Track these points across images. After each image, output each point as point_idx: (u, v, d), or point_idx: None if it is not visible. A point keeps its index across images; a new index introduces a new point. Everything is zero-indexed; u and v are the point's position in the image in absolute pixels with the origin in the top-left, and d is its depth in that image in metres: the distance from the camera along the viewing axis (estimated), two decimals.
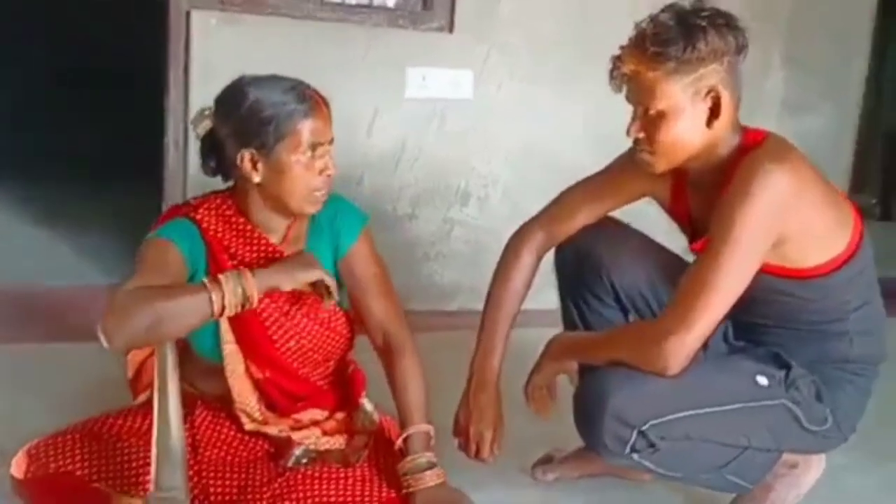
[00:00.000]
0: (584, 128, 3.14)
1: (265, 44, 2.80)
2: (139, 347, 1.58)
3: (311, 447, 1.56)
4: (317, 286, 1.50)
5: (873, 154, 6.99)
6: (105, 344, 1.32)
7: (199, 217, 1.55)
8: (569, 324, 1.85)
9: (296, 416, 1.61)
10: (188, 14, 2.72)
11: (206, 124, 1.53)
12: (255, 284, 1.40)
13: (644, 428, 1.51)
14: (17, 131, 4.83)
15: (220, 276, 1.39)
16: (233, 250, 1.55)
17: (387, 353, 1.64)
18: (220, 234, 1.55)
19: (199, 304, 1.36)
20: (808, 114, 3.50)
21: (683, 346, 1.45)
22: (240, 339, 1.55)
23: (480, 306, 1.83)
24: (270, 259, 1.55)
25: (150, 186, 2.97)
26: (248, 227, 1.56)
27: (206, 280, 1.39)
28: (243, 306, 1.40)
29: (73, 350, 2.32)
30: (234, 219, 1.56)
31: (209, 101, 1.58)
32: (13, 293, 2.92)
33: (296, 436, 1.56)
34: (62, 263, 3.29)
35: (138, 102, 3.80)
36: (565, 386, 1.72)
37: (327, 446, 1.58)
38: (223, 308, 1.37)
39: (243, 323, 1.52)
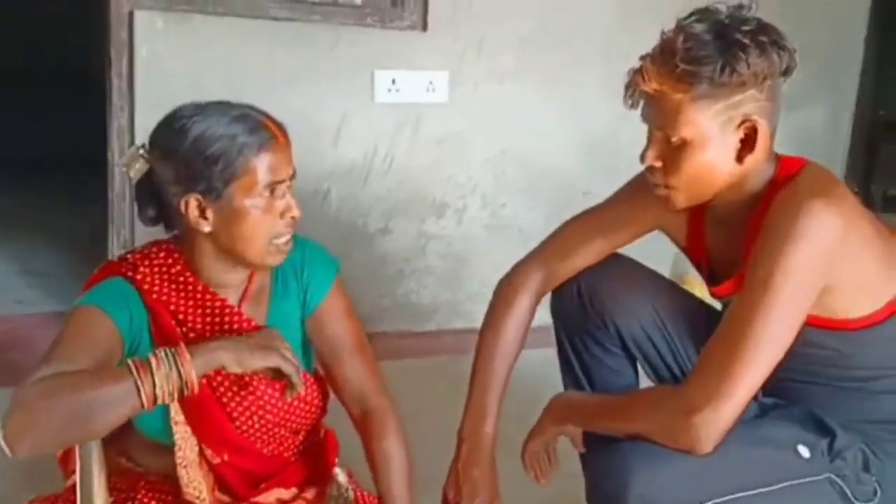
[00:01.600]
0: (568, 131, 2.93)
1: (218, 46, 2.54)
2: (53, 452, 1.31)
3: None
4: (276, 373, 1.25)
5: (855, 146, 7.10)
6: (7, 451, 1.06)
7: (138, 277, 1.29)
8: (569, 375, 1.62)
9: (256, 499, 1.37)
10: (131, 14, 2.46)
11: (141, 166, 1.27)
12: (193, 366, 1.14)
13: None
14: None
15: (151, 358, 1.13)
16: (181, 316, 1.30)
17: (365, 428, 1.40)
18: (164, 297, 1.29)
19: (123, 395, 1.09)
20: (805, 108, 3.32)
21: (717, 420, 1.22)
22: (191, 419, 1.30)
23: (459, 325, 1.63)
24: (227, 324, 1.31)
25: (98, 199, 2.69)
26: (200, 287, 1.31)
27: (132, 362, 1.12)
28: (181, 393, 1.14)
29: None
30: (181, 277, 1.31)
31: (156, 113, 1.32)
32: None
33: None
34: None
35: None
36: (564, 443, 1.51)
37: None
38: (154, 398, 1.11)
39: (195, 399, 1.26)
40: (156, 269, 1.31)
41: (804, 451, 1.33)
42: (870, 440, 1.38)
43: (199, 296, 1.31)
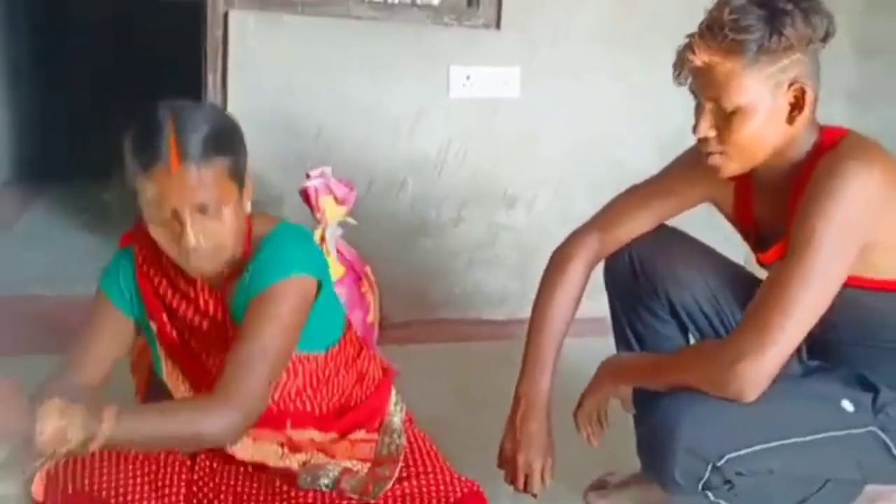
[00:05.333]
0: (640, 125, 2.98)
1: (305, 44, 2.71)
2: None
3: (329, 472, 1.43)
4: None
5: None
6: None
7: (136, 249, 1.43)
8: (621, 341, 1.70)
9: (290, 432, 1.45)
10: (226, 15, 2.65)
11: None
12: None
13: (720, 463, 1.36)
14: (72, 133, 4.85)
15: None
16: (161, 292, 1.42)
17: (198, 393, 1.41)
18: (154, 279, 1.42)
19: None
20: (881, 107, 3.28)
21: (761, 368, 1.29)
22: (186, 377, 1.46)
23: (527, 314, 1.69)
24: (194, 303, 1.41)
25: None
26: (182, 278, 1.40)
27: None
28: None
29: None
30: (170, 265, 1.40)
31: (248, 105, 1.44)
32: (55, 301, 2.89)
33: (293, 461, 1.43)
34: None
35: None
36: (616, 407, 1.59)
37: (348, 465, 1.45)
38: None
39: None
40: (155, 254, 1.40)
41: (848, 406, 1.39)
42: None
43: (171, 273, 1.40)
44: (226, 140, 1.31)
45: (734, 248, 1.73)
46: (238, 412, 1.24)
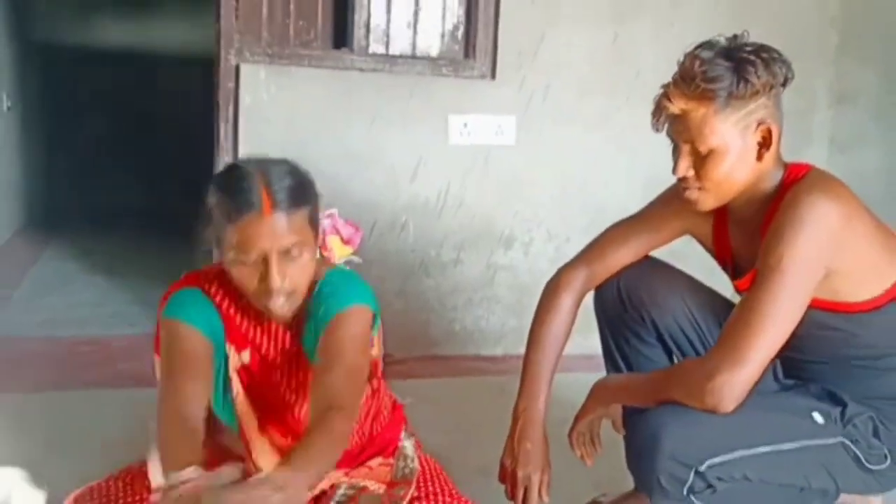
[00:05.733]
0: (626, 169, 3.15)
1: (311, 95, 2.88)
2: None
3: (348, 488, 1.54)
4: None
5: None
6: None
7: (211, 291, 1.48)
8: (611, 364, 1.82)
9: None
10: (237, 67, 2.82)
11: None
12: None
13: (702, 468, 1.47)
14: (75, 188, 5.04)
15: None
16: (243, 330, 1.50)
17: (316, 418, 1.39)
18: (231, 312, 1.49)
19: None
20: (860, 150, 3.45)
21: (736, 382, 1.41)
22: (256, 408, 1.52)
23: (524, 350, 1.81)
24: (273, 339, 1.49)
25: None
26: (258, 316, 1.48)
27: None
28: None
29: (123, 396, 2.41)
30: (244, 302, 1.47)
31: (257, 150, 1.55)
32: (69, 342, 3.02)
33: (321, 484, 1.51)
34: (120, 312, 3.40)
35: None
36: (609, 430, 1.69)
37: (365, 485, 1.55)
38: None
39: (260, 394, 1.50)
40: (224, 286, 1.48)
41: (818, 418, 1.51)
42: (880, 414, 1.54)
43: (252, 313, 1.49)
44: (307, 191, 1.43)
45: (723, 278, 1.86)
46: (352, 423, 1.40)
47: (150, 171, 5.18)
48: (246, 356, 1.50)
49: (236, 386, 1.50)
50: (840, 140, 3.44)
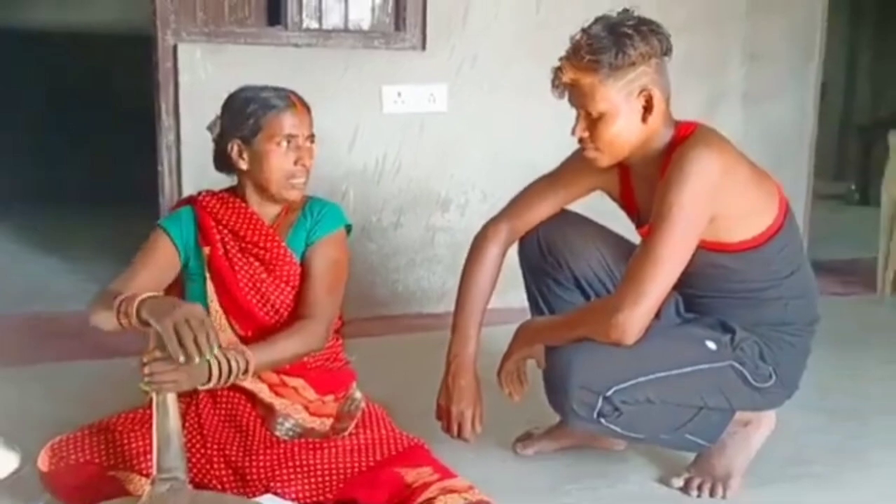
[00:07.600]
0: (553, 131, 3.27)
1: (248, 71, 2.95)
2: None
3: (299, 422, 1.72)
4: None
5: (851, 146, 7.34)
6: None
7: (199, 198, 1.81)
8: (535, 309, 2.00)
9: (283, 375, 1.74)
10: (175, 48, 2.91)
11: (216, 125, 1.81)
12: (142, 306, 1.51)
13: (608, 394, 1.66)
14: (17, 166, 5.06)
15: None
16: (221, 218, 1.78)
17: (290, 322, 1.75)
18: (214, 210, 1.79)
19: (109, 319, 1.57)
20: (772, 103, 3.68)
21: (636, 317, 1.61)
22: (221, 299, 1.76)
23: None
24: (255, 234, 1.76)
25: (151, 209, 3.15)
26: (244, 208, 1.79)
27: (120, 300, 1.54)
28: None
29: (91, 366, 2.55)
30: (232, 201, 1.80)
31: (197, 129, 1.76)
32: (39, 317, 3.14)
33: (278, 403, 1.72)
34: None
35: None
36: (534, 369, 1.87)
37: (312, 426, 1.74)
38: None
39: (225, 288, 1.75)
40: (215, 197, 1.82)
41: (711, 345, 1.72)
42: (764, 338, 1.76)
43: (242, 212, 1.78)
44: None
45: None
46: (325, 329, 1.75)
47: (89, 147, 5.24)
48: (217, 248, 1.76)
49: (208, 283, 1.75)
50: (753, 94, 3.67)
